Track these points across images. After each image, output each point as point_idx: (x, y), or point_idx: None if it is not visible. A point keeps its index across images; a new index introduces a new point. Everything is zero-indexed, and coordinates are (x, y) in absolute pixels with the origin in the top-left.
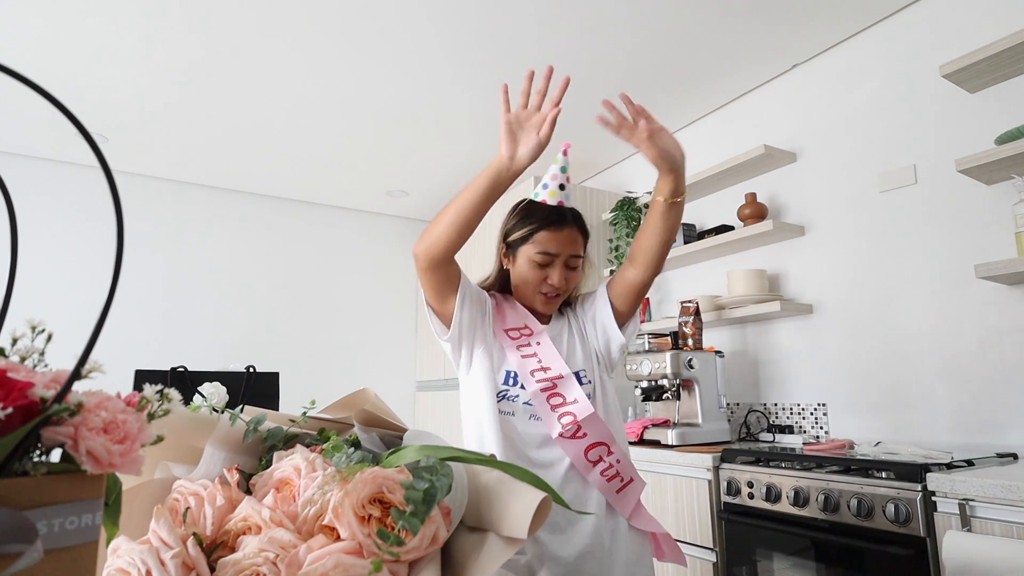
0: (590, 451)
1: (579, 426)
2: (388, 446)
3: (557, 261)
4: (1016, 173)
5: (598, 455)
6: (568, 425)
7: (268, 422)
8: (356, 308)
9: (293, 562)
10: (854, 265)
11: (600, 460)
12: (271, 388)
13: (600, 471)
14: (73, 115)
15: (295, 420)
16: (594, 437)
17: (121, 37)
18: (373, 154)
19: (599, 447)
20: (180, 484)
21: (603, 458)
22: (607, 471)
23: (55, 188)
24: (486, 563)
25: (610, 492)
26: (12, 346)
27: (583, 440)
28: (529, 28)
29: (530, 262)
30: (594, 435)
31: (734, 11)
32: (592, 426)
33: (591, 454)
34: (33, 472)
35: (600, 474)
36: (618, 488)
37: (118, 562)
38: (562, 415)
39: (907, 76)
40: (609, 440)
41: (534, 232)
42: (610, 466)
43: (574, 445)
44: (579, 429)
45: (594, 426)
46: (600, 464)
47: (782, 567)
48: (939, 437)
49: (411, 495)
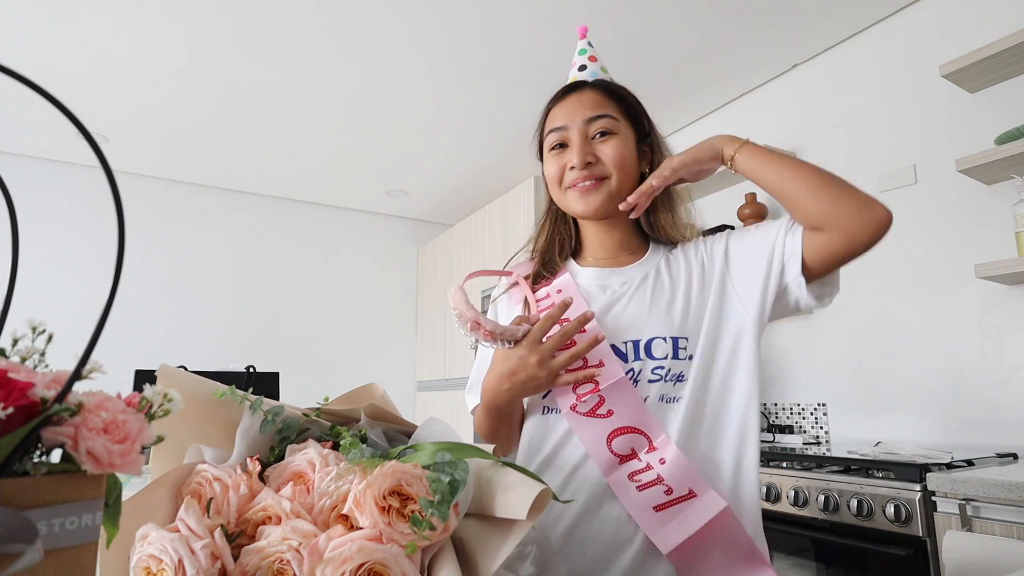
0: (615, 439)
1: (601, 398)
2: (391, 441)
3: (572, 135)
4: (1016, 173)
5: (629, 447)
6: (588, 396)
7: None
8: (356, 308)
9: (315, 550)
10: (854, 265)
11: (632, 456)
12: (271, 388)
13: (629, 473)
14: (73, 115)
15: (308, 414)
16: (624, 419)
17: (121, 37)
18: (373, 154)
19: (633, 435)
20: (203, 468)
21: (637, 454)
22: (641, 473)
23: (55, 188)
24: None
25: (642, 510)
26: (13, 346)
27: (606, 420)
28: (529, 28)
29: (550, 157)
30: (624, 415)
31: (734, 11)
32: (620, 399)
33: (617, 443)
34: (33, 472)
35: (629, 478)
36: (658, 504)
37: (149, 548)
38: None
39: (907, 76)
40: (654, 432)
41: (544, 120)
42: (647, 467)
43: (590, 426)
44: (601, 402)
45: (624, 399)
46: (632, 461)
47: (782, 567)
48: (939, 437)
49: (438, 487)
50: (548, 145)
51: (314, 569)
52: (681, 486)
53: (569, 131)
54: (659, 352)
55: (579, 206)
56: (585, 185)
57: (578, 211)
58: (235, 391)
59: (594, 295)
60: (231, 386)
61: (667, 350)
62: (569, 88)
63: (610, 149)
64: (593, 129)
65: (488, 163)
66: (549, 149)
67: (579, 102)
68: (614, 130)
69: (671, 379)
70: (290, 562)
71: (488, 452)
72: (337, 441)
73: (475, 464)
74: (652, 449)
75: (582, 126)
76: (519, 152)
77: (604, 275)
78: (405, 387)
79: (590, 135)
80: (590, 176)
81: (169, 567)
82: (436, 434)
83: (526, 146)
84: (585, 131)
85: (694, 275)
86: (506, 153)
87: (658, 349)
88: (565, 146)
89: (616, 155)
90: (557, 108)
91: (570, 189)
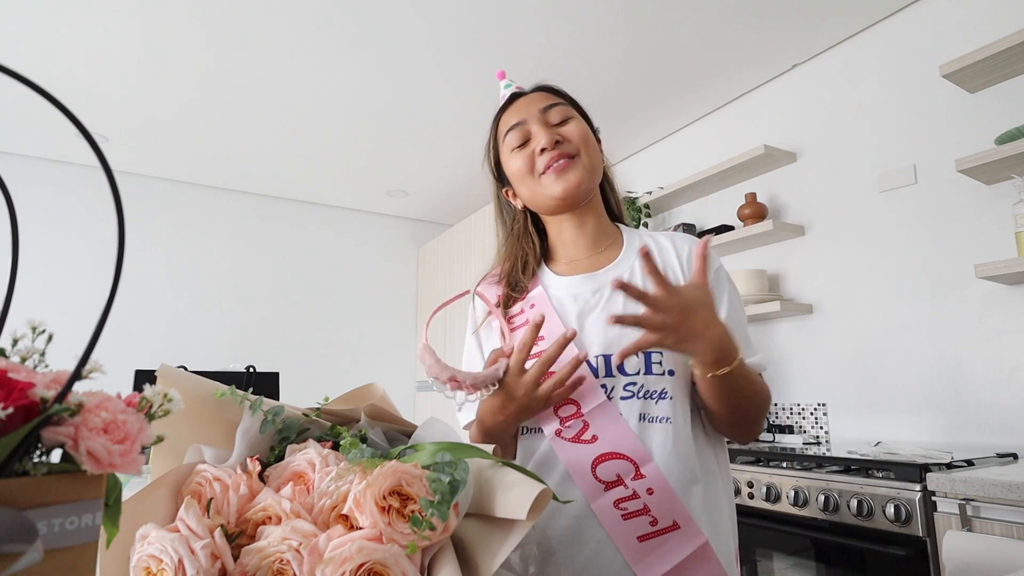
0: (600, 465)
1: (586, 423)
2: (391, 441)
3: (531, 127)
4: (1016, 173)
5: (615, 473)
6: (569, 420)
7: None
8: (356, 308)
9: (315, 550)
10: (854, 265)
11: (619, 483)
12: (271, 388)
13: (614, 500)
14: (73, 115)
15: (308, 414)
16: (609, 444)
17: (121, 37)
18: (373, 154)
19: (619, 461)
20: (203, 468)
21: (623, 480)
22: (627, 501)
23: (55, 188)
24: (496, 550)
25: (627, 540)
26: (13, 346)
27: (591, 446)
28: (529, 28)
29: (512, 155)
30: (609, 441)
31: (734, 11)
32: (604, 423)
33: (602, 470)
34: (33, 472)
35: (614, 505)
36: (643, 535)
37: (149, 548)
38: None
39: (907, 76)
40: (640, 458)
41: (495, 128)
42: (634, 495)
43: (575, 452)
44: (585, 428)
45: (608, 423)
46: (617, 488)
47: (782, 567)
48: (939, 437)
49: (438, 487)
50: (508, 146)
51: (314, 569)
52: (666, 517)
53: (527, 123)
54: (631, 368)
55: (558, 187)
56: (560, 164)
57: (557, 192)
58: (235, 391)
59: (567, 306)
60: (231, 386)
61: (639, 365)
62: (514, 96)
63: (572, 129)
64: (551, 117)
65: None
66: (510, 150)
67: (530, 99)
68: (570, 115)
69: (650, 397)
70: (290, 562)
71: (488, 452)
72: (337, 441)
73: (475, 464)
74: (639, 476)
75: (539, 115)
76: None
77: (576, 283)
78: (405, 387)
79: (549, 122)
80: (562, 154)
81: (169, 567)
82: (436, 434)
83: None
84: (544, 119)
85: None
86: None
87: (629, 364)
88: (527, 141)
89: (580, 133)
90: (508, 112)
91: (544, 174)
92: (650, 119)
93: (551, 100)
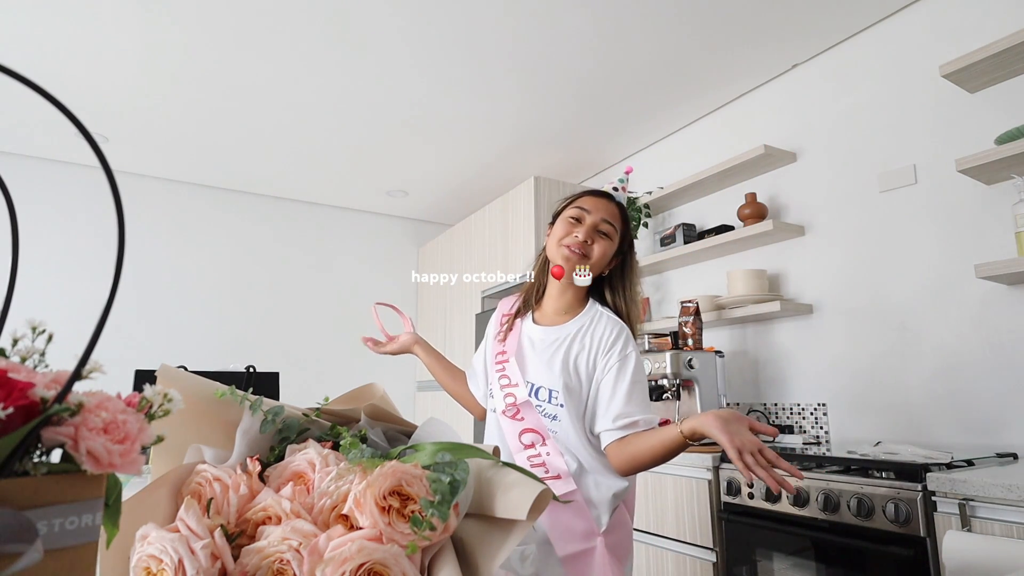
0: (524, 434)
1: (517, 408)
2: (391, 441)
3: (588, 220)
4: (1016, 173)
5: (531, 440)
6: (510, 406)
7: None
8: (356, 308)
9: (315, 550)
10: (854, 265)
11: (532, 446)
12: (271, 388)
13: (528, 456)
14: (73, 115)
15: (308, 414)
16: (530, 423)
17: (121, 37)
18: (373, 154)
19: (533, 434)
20: (203, 468)
21: (535, 445)
22: (534, 458)
23: (55, 188)
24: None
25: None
26: (13, 347)
27: (520, 422)
28: (529, 28)
29: (564, 221)
30: (530, 421)
31: (734, 12)
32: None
33: (525, 437)
34: (33, 472)
35: (527, 460)
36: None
37: (149, 548)
38: (507, 395)
39: (907, 76)
40: (544, 433)
41: (576, 198)
42: (538, 455)
43: (511, 424)
44: (517, 411)
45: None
46: (530, 450)
47: (782, 567)
48: (939, 437)
49: (438, 487)
50: (568, 214)
51: (314, 569)
52: (554, 470)
53: (589, 216)
54: (543, 396)
55: (559, 261)
56: (576, 251)
57: (559, 260)
58: (235, 391)
59: (526, 347)
60: (231, 386)
61: (546, 396)
62: (602, 192)
63: (599, 248)
64: (601, 227)
65: (488, 163)
66: (567, 216)
67: (605, 205)
68: (611, 236)
69: (547, 416)
70: (290, 562)
71: (488, 452)
72: (337, 441)
73: (475, 464)
74: (543, 444)
75: (597, 220)
76: (519, 152)
77: (541, 333)
78: (405, 387)
79: (597, 228)
80: (582, 253)
81: (169, 567)
82: (436, 434)
83: (526, 146)
84: (596, 223)
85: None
86: (506, 153)
87: (542, 393)
88: (579, 222)
89: (600, 254)
90: (589, 198)
91: (564, 247)
92: (650, 119)
93: (611, 219)
